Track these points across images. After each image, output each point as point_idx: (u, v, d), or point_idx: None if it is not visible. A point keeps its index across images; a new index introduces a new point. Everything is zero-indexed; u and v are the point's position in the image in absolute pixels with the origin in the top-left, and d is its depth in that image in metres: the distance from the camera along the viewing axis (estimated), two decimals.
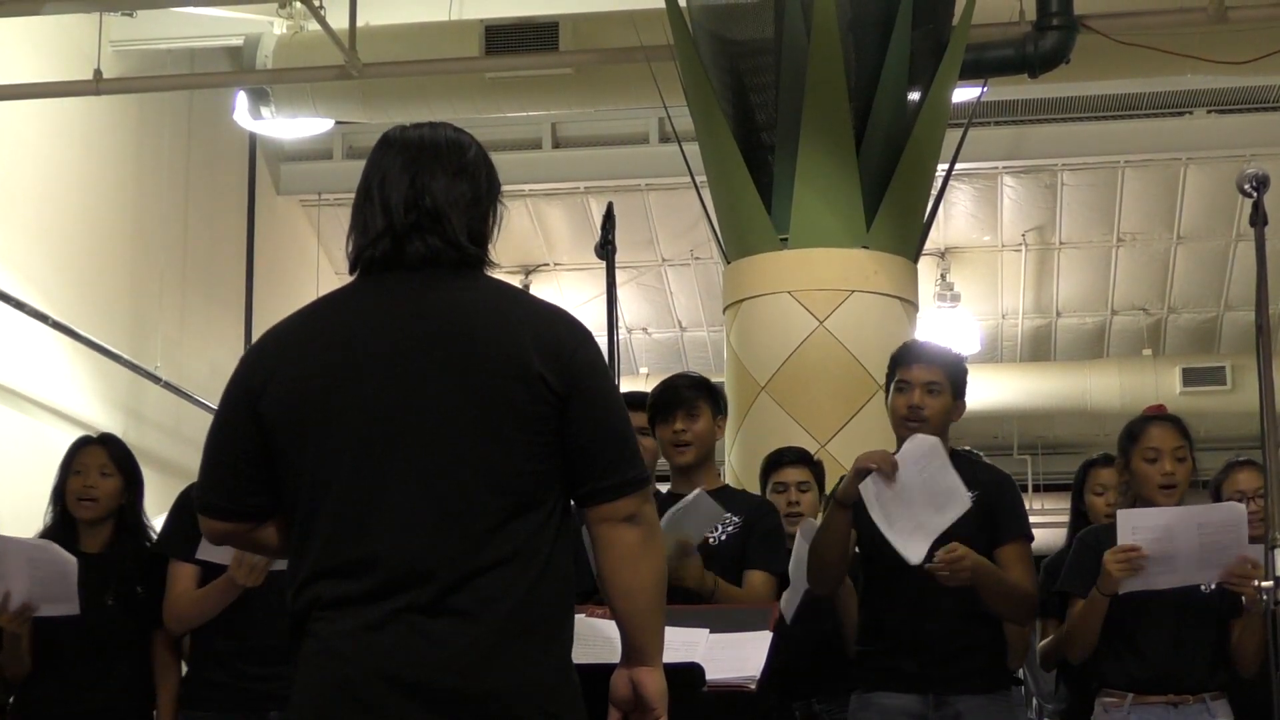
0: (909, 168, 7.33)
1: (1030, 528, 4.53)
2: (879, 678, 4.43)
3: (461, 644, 2.63)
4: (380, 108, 11.23)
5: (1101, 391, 14.20)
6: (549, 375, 2.72)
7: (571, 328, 2.83)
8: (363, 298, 2.83)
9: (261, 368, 2.81)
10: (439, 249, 2.81)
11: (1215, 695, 4.45)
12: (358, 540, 2.69)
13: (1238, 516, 4.37)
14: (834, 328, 7.13)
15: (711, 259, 13.48)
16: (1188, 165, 13.09)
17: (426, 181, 2.83)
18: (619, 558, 2.77)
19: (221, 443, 2.86)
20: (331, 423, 2.72)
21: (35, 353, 9.79)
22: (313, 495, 2.73)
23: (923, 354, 4.55)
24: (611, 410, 2.81)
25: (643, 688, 2.84)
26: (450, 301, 2.78)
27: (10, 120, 9.67)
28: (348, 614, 2.67)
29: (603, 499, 2.77)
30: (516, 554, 2.69)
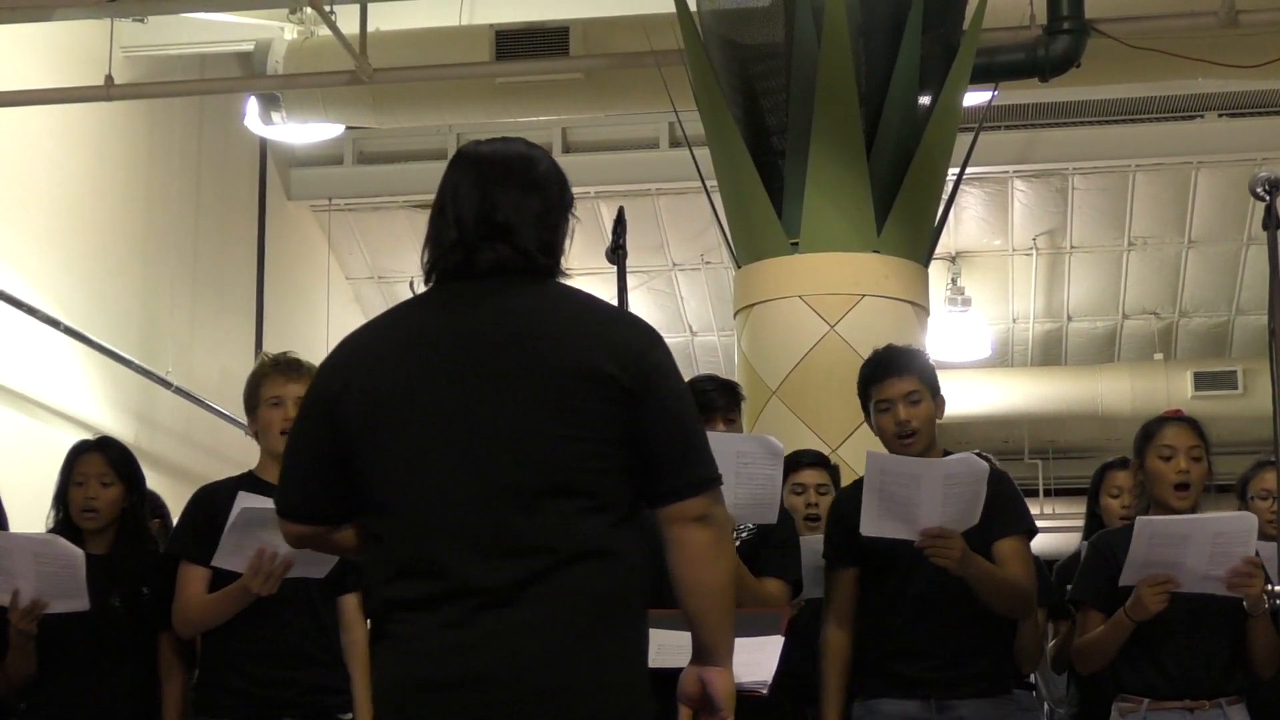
0: (920, 172, 7.32)
1: (1032, 523, 4.51)
2: (881, 684, 4.42)
3: (540, 639, 2.69)
4: (391, 113, 11.24)
5: (1113, 396, 14.17)
6: (620, 376, 2.79)
7: (640, 330, 2.92)
8: (435, 306, 2.92)
9: (339, 375, 2.92)
10: (508, 258, 2.88)
11: (1232, 700, 4.45)
12: (433, 542, 2.75)
13: (1249, 527, 4.37)
14: (845, 332, 7.12)
15: (722, 264, 13.48)
16: (1199, 169, 13.06)
17: (497, 195, 2.90)
18: (691, 557, 2.82)
19: (300, 448, 2.97)
20: (405, 428, 2.81)
21: (46, 358, 9.80)
22: (387, 499, 2.82)
23: (894, 366, 4.53)
24: (683, 411, 2.88)
25: (712, 686, 2.87)
26: (519, 307, 2.86)
27: (22, 126, 9.68)
28: (426, 614, 2.74)
29: (675, 498, 2.82)
30: (590, 552, 2.75)
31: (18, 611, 4.47)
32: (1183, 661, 4.44)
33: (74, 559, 4.46)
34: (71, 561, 4.46)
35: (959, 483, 4.23)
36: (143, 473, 4.88)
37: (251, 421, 4.66)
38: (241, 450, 9.23)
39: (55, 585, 4.46)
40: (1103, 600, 4.53)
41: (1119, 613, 4.39)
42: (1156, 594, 4.30)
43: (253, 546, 4.34)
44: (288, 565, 4.37)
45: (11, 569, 4.46)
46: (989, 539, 4.36)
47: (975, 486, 4.24)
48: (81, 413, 10.06)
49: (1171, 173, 13.18)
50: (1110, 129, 12.72)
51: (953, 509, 4.22)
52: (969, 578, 4.26)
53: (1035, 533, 4.50)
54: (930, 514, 4.21)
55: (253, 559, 4.34)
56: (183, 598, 4.52)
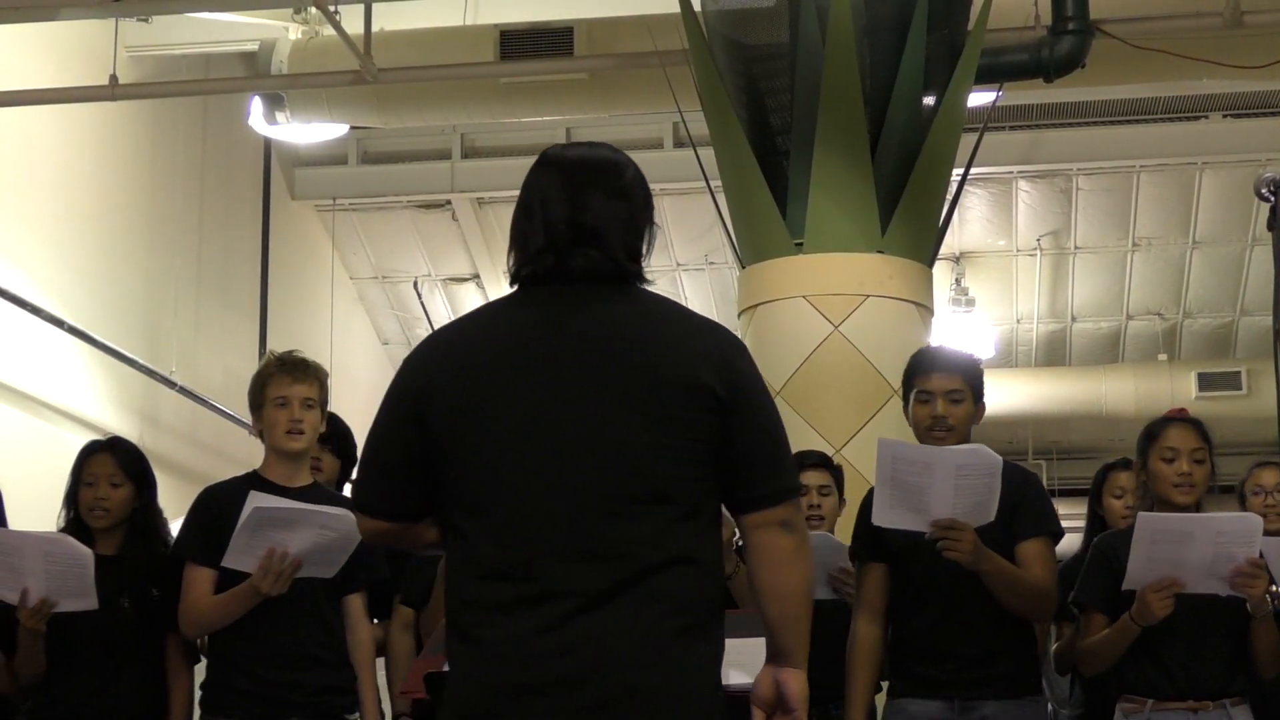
0: (924, 172, 7.31)
1: (1058, 526, 4.50)
2: (907, 685, 4.41)
3: (633, 640, 2.71)
4: (395, 113, 11.25)
5: (1117, 396, 14.17)
6: (716, 385, 2.82)
7: (730, 339, 2.96)
8: (526, 308, 2.92)
9: (429, 372, 2.91)
10: (599, 263, 2.89)
11: (1235, 701, 4.44)
12: (528, 544, 2.76)
13: (1254, 527, 4.36)
14: (849, 332, 7.12)
15: (726, 264, 13.48)
16: (1203, 170, 13.06)
17: (586, 200, 2.91)
18: (774, 563, 2.87)
19: (383, 445, 2.95)
20: (500, 429, 2.81)
21: (50, 357, 9.81)
22: (479, 499, 2.82)
23: (941, 362, 4.53)
24: (771, 419, 2.92)
25: (787, 688, 2.93)
26: (613, 313, 2.88)
27: (26, 125, 9.69)
28: (518, 617, 2.74)
29: (761, 505, 2.87)
30: (682, 558, 2.78)
31: (26, 610, 4.47)
32: (1186, 662, 4.44)
33: (83, 558, 4.46)
34: (80, 561, 4.46)
35: (971, 474, 4.22)
36: (153, 474, 4.88)
37: (256, 420, 4.66)
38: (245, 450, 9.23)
39: (64, 584, 4.46)
40: (1106, 602, 4.53)
41: (1124, 617, 4.38)
42: (1161, 598, 4.30)
43: (262, 546, 4.34)
44: (297, 565, 4.37)
45: (21, 567, 4.46)
46: (1013, 539, 4.35)
47: (988, 479, 4.23)
48: (86, 412, 10.06)
49: (1176, 173, 13.18)
50: (1115, 129, 12.72)
51: (965, 501, 4.21)
52: (983, 574, 4.25)
53: (1061, 535, 4.49)
54: (942, 505, 4.21)
55: (263, 559, 4.34)
56: (189, 599, 4.52)
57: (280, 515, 4.34)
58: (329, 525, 4.39)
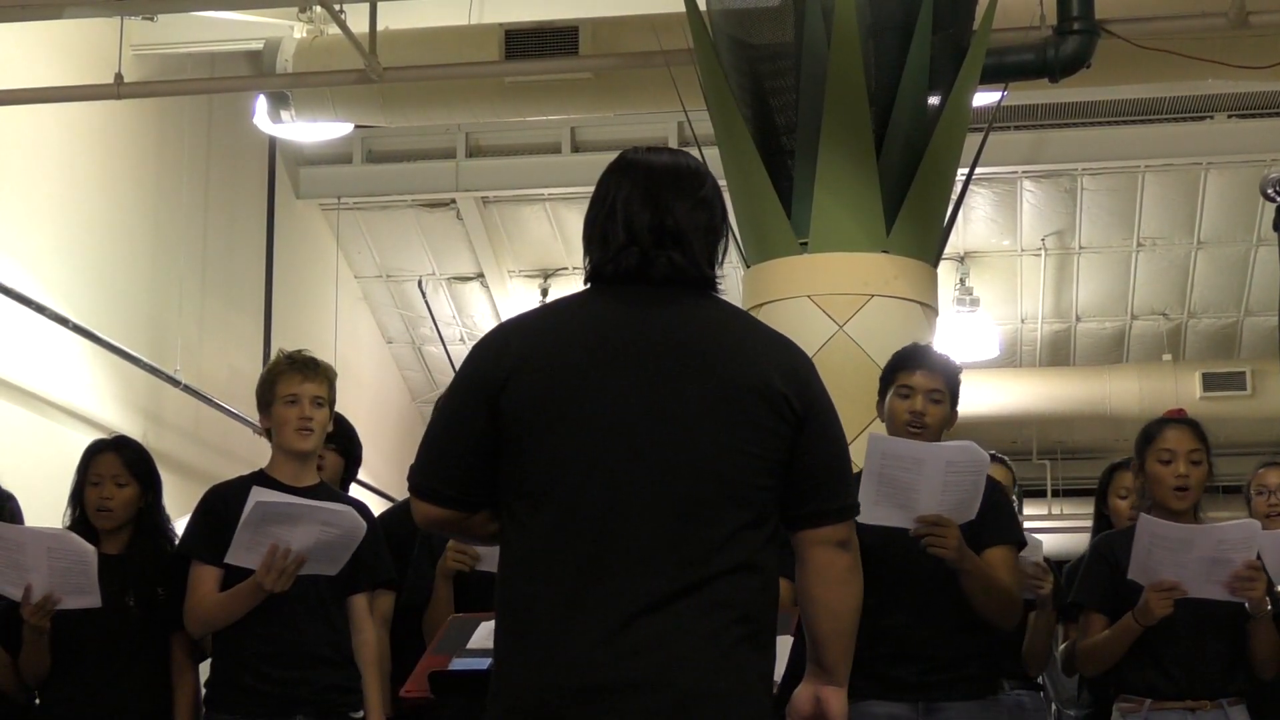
0: (929, 172, 7.31)
1: (1022, 535, 4.51)
2: (870, 686, 4.39)
3: (697, 643, 2.70)
4: (400, 111, 11.25)
5: (1121, 396, 14.15)
6: (792, 398, 2.84)
7: (803, 355, 2.98)
8: (607, 304, 2.92)
9: (504, 360, 2.87)
10: (683, 268, 2.90)
11: (1233, 700, 4.45)
12: (599, 542, 2.74)
13: (1251, 533, 4.37)
14: (854, 332, 7.11)
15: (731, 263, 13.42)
16: (1208, 170, 13.05)
17: (670, 204, 2.92)
18: (831, 580, 2.89)
19: (452, 432, 2.92)
20: (575, 421, 2.80)
21: (55, 356, 9.81)
22: (550, 492, 2.80)
23: (927, 361, 4.56)
24: (839, 437, 2.95)
25: (827, 705, 2.96)
26: (695, 317, 2.89)
27: (31, 124, 9.69)
28: (577, 616, 2.72)
29: (823, 522, 2.89)
30: (746, 565, 2.79)
31: (30, 607, 4.47)
32: (1184, 662, 4.45)
33: (86, 555, 4.47)
34: (83, 557, 4.47)
35: (959, 471, 4.23)
36: (158, 473, 4.88)
37: (264, 418, 4.66)
38: (250, 449, 9.24)
39: (67, 581, 4.46)
40: (1105, 603, 4.53)
41: (1126, 617, 4.39)
42: (1163, 600, 4.30)
43: (265, 543, 4.34)
44: (300, 562, 4.37)
45: (24, 564, 4.46)
46: (979, 545, 4.34)
47: (975, 477, 4.25)
48: (90, 411, 10.07)
49: (1181, 173, 13.17)
50: (1120, 129, 12.71)
51: (951, 498, 4.22)
52: (963, 572, 4.26)
53: (1024, 545, 4.51)
54: (929, 501, 4.22)
55: (265, 555, 4.34)
56: (194, 598, 4.53)
57: (282, 511, 4.34)
58: (331, 522, 4.39)
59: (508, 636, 2.81)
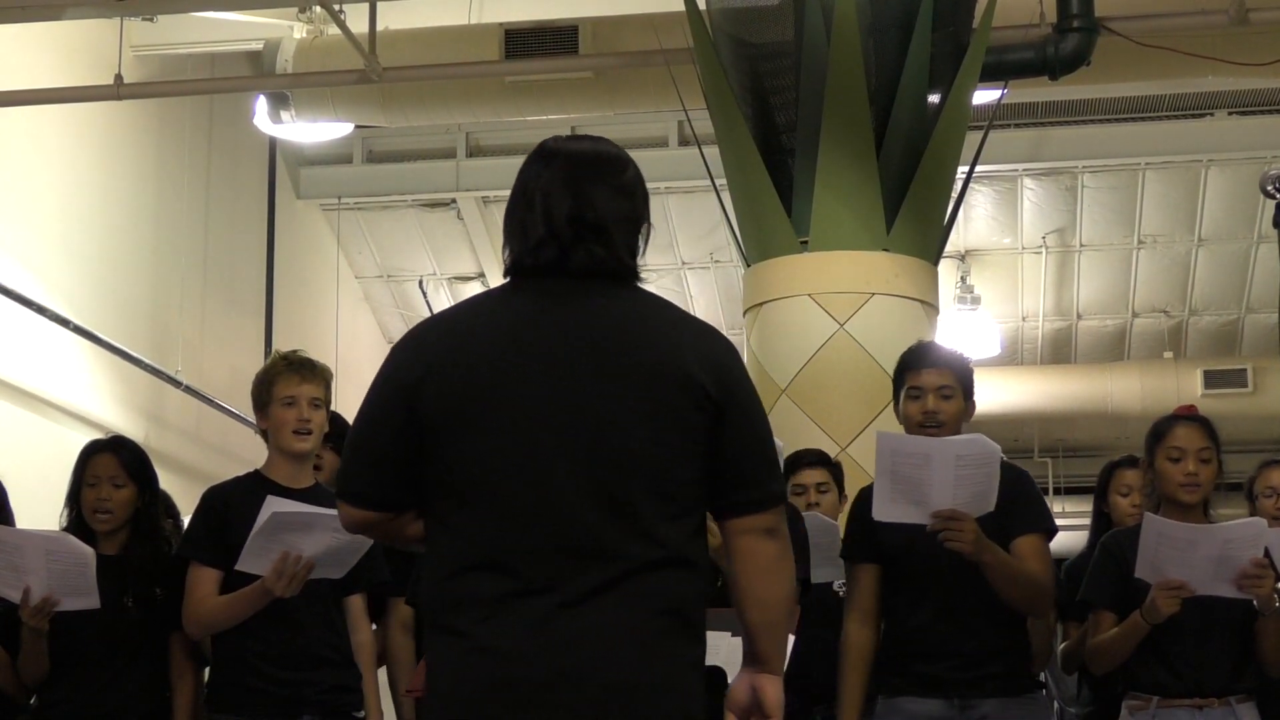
0: (929, 170, 7.32)
1: (1053, 523, 4.49)
2: (905, 683, 4.40)
3: (619, 637, 2.69)
4: (400, 111, 11.25)
5: (1122, 394, 14.16)
6: (709, 385, 2.79)
7: (723, 341, 2.92)
8: (525, 299, 2.88)
9: (420, 360, 2.85)
10: (602, 259, 2.86)
11: (1241, 698, 4.44)
12: (516, 536, 2.74)
13: (1258, 531, 4.36)
14: (854, 330, 7.12)
15: (731, 262, 13.47)
16: (1209, 167, 13.05)
17: (590, 193, 2.87)
18: (758, 569, 2.85)
19: (371, 434, 2.89)
20: (494, 419, 2.77)
21: (56, 357, 9.81)
22: (471, 491, 2.78)
23: (932, 358, 4.53)
24: (761, 424, 2.90)
25: (763, 693, 2.90)
26: (613, 310, 2.85)
27: (32, 125, 9.69)
28: (503, 611, 2.71)
29: (747, 511, 2.84)
30: (671, 558, 2.76)
31: (29, 609, 4.46)
32: (1192, 660, 4.44)
33: (84, 557, 4.46)
34: (82, 559, 4.45)
35: (970, 464, 4.21)
36: (155, 473, 4.86)
37: (261, 419, 4.65)
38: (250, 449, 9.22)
39: (66, 583, 4.45)
40: (1114, 601, 4.52)
41: (1134, 615, 4.39)
42: (1170, 598, 4.30)
43: (276, 549, 4.33)
44: (310, 568, 4.36)
45: (23, 566, 4.45)
46: (1009, 535, 4.34)
47: (987, 469, 4.23)
48: (91, 411, 10.07)
49: (1181, 171, 13.17)
50: (1120, 127, 12.71)
51: (965, 491, 4.21)
52: (984, 565, 4.24)
53: (1055, 533, 4.48)
54: (942, 496, 4.20)
55: (276, 562, 4.33)
56: (193, 599, 4.51)
57: (297, 520, 4.33)
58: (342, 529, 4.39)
59: (437, 636, 2.80)
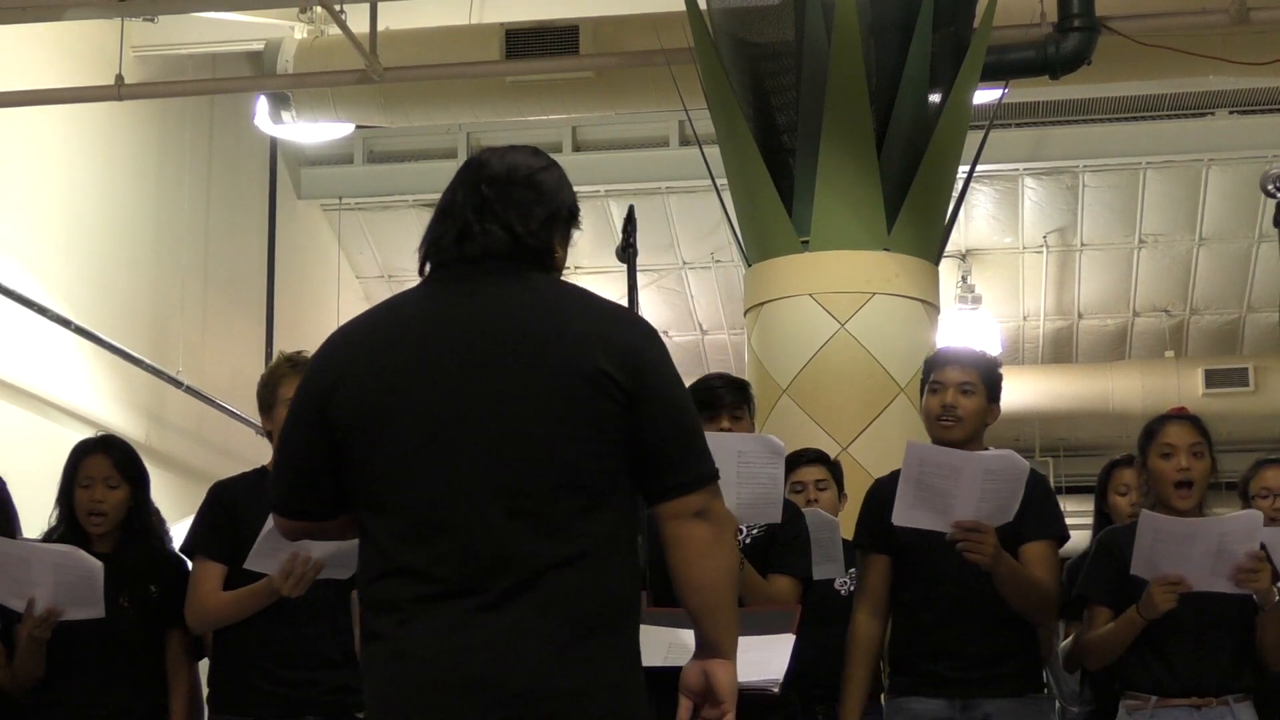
0: (930, 170, 7.32)
1: (1064, 530, 4.50)
2: (911, 682, 4.41)
3: (533, 642, 2.66)
4: (401, 111, 11.25)
5: (1124, 393, 14.16)
6: (615, 373, 2.75)
7: (635, 326, 2.89)
8: (427, 299, 2.88)
9: (330, 370, 2.87)
10: (503, 243, 2.85)
11: (1239, 697, 4.43)
12: (428, 540, 2.72)
13: (1254, 525, 4.36)
14: (855, 330, 7.12)
15: (732, 262, 13.48)
16: (1209, 166, 13.05)
17: (498, 191, 2.89)
18: (691, 554, 2.79)
19: (291, 446, 2.93)
20: (398, 424, 2.77)
21: (57, 357, 9.82)
22: (382, 496, 2.78)
23: (956, 356, 4.57)
24: (680, 408, 2.85)
25: (714, 679, 2.84)
26: (516, 300, 2.82)
27: (33, 125, 9.70)
28: (419, 615, 2.70)
29: (672, 495, 2.79)
30: (586, 552, 2.72)
31: (33, 620, 4.46)
32: (1190, 659, 4.43)
33: (93, 571, 4.45)
34: (91, 574, 4.45)
35: (998, 479, 4.22)
36: (147, 471, 4.86)
37: (266, 420, 4.65)
38: (252, 449, 9.24)
39: (72, 595, 4.44)
40: (1111, 597, 4.52)
41: (1130, 610, 4.39)
42: (1167, 594, 4.30)
43: (285, 550, 4.33)
44: (319, 569, 4.36)
45: (30, 579, 4.44)
46: (1019, 539, 4.34)
47: (1014, 485, 4.24)
48: (92, 412, 10.07)
49: (1182, 170, 13.17)
50: (1121, 126, 12.71)
51: (988, 504, 4.21)
52: (997, 575, 4.25)
53: (1066, 539, 4.49)
54: (965, 507, 4.20)
55: (285, 562, 4.33)
56: (198, 594, 4.51)
57: None
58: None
59: (364, 639, 2.81)
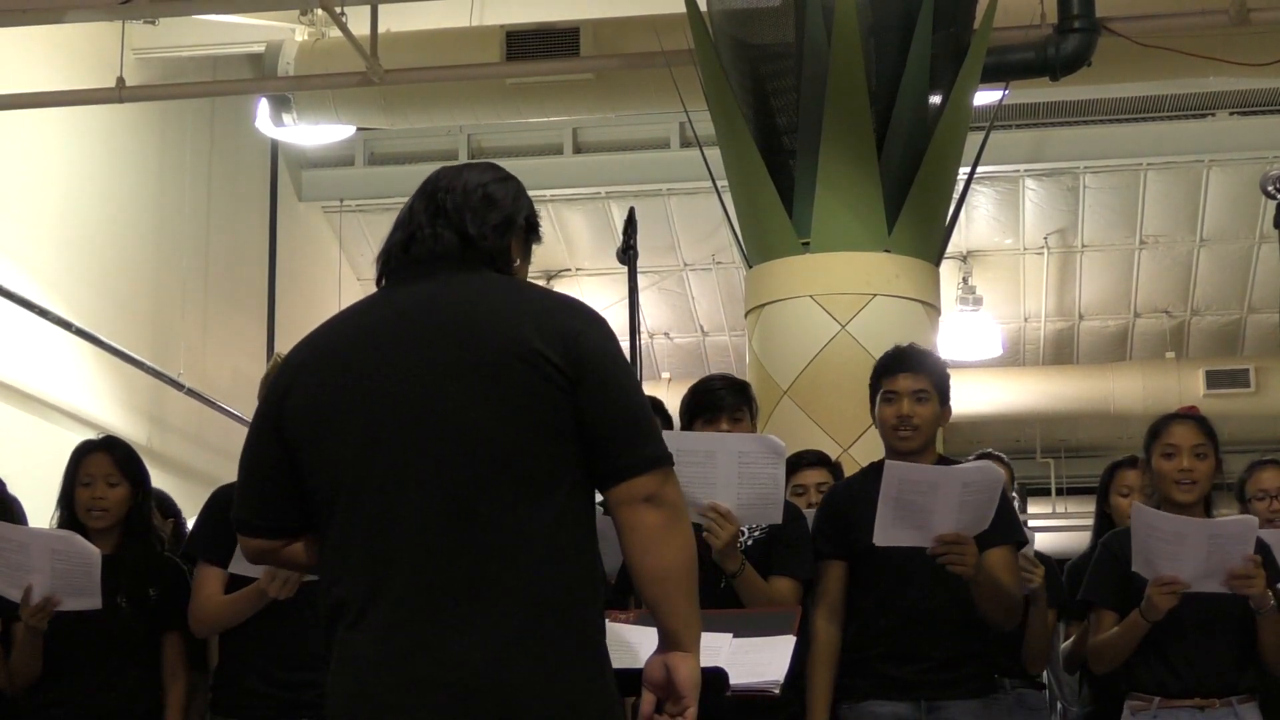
0: (930, 171, 7.32)
1: (1023, 535, 4.50)
2: (871, 685, 4.38)
3: (482, 638, 2.62)
4: (402, 113, 11.26)
5: (1124, 394, 14.16)
6: (554, 357, 2.71)
7: (576, 311, 2.83)
8: (374, 305, 2.90)
9: (282, 380, 2.87)
10: (449, 244, 2.86)
11: (1244, 698, 4.43)
12: (374, 541, 2.69)
13: (1248, 528, 4.35)
14: (856, 331, 7.12)
15: (733, 263, 13.48)
16: (1210, 167, 13.05)
17: (450, 200, 2.91)
18: (642, 541, 2.71)
19: (251, 459, 2.90)
20: (342, 429, 2.75)
21: (58, 359, 9.82)
22: (331, 502, 2.76)
23: (908, 362, 4.50)
24: (624, 390, 2.78)
25: (674, 672, 2.75)
26: (453, 296, 2.80)
27: (34, 128, 9.71)
28: (367, 617, 2.68)
29: (619, 479, 2.72)
30: (533, 541, 2.67)
31: (30, 608, 4.46)
32: (1194, 660, 4.43)
33: (90, 557, 4.46)
34: (88, 560, 4.46)
35: (975, 491, 4.21)
36: (148, 472, 4.88)
37: None
38: None
39: (69, 583, 4.45)
40: (1115, 600, 4.52)
41: (1134, 613, 4.39)
42: (1166, 594, 4.30)
43: None
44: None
45: (27, 565, 4.45)
46: (982, 545, 4.32)
47: (990, 495, 4.23)
48: (93, 414, 10.08)
49: (1183, 171, 13.17)
50: (1121, 127, 12.71)
51: (967, 516, 4.20)
52: (975, 584, 4.25)
53: (1025, 544, 4.48)
54: (945, 521, 4.19)
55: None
56: (200, 598, 4.52)
57: None
58: None
59: (326, 643, 2.77)
